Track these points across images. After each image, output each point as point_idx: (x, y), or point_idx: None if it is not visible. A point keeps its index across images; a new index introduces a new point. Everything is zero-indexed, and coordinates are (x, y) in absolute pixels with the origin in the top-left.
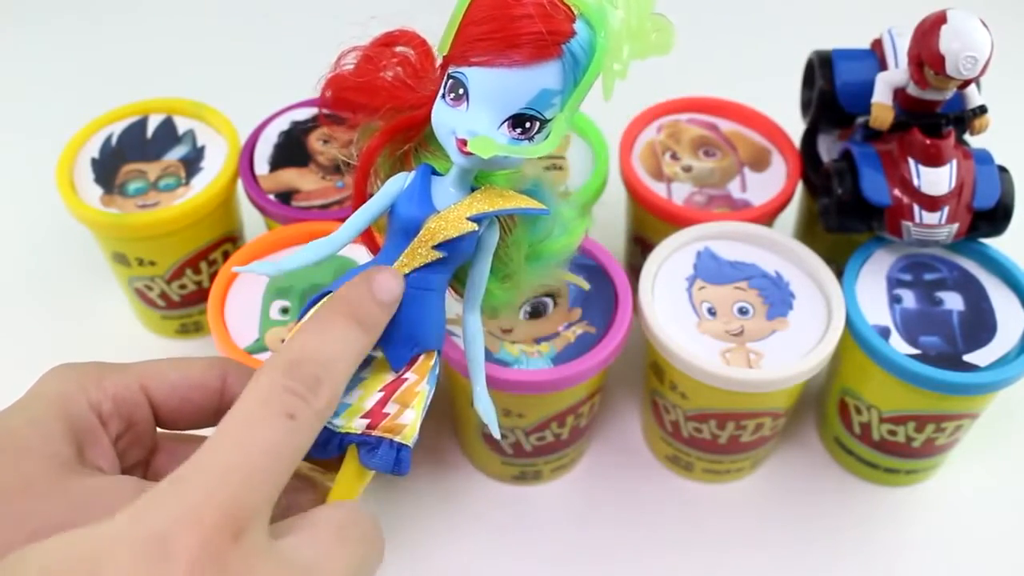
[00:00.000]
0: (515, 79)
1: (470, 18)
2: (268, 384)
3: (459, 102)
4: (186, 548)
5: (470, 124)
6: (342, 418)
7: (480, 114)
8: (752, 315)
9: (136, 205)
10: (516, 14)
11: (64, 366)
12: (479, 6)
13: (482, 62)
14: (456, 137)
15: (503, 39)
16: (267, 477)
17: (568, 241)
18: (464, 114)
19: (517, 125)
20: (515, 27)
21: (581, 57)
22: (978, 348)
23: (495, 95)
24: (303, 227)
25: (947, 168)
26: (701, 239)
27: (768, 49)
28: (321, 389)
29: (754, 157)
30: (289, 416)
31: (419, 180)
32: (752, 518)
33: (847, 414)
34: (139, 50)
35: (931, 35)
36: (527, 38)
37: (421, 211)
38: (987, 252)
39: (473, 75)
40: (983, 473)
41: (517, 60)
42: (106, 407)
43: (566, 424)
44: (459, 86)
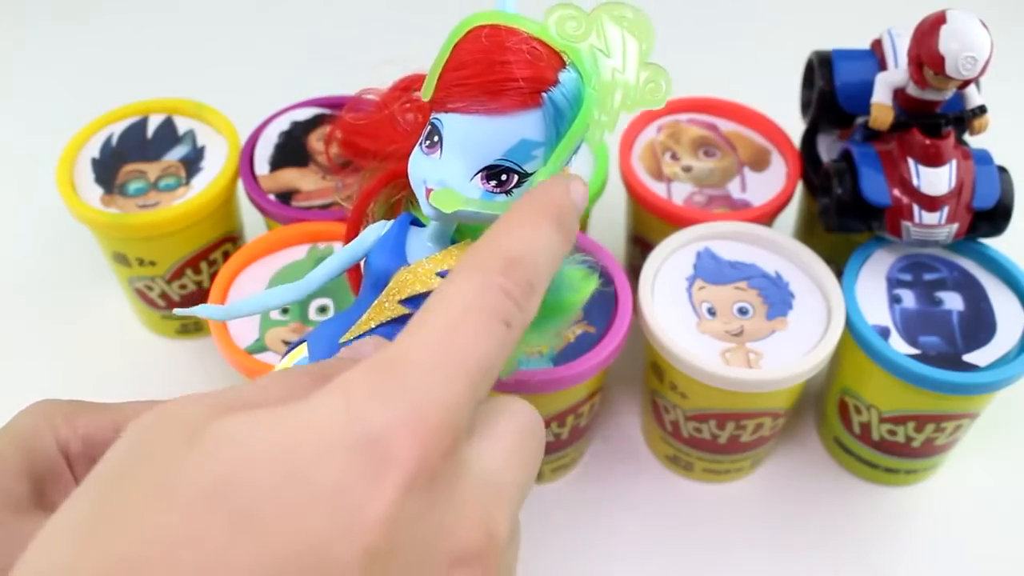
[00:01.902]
0: (491, 127)
1: (452, 61)
2: (486, 283)
3: (433, 150)
4: (404, 461)
5: (441, 173)
6: None
7: (453, 163)
8: (752, 315)
9: (136, 205)
10: (496, 59)
11: (40, 402)
12: (461, 50)
13: (458, 108)
14: (425, 187)
15: (479, 85)
16: (478, 391)
17: (574, 300)
18: (437, 162)
19: (492, 177)
20: (495, 73)
21: (565, 107)
22: (978, 348)
23: (469, 144)
24: (303, 227)
25: (947, 168)
26: (701, 239)
27: (768, 49)
28: (533, 298)
29: (754, 157)
30: (506, 324)
31: (395, 230)
32: (752, 518)
33: (847, 414)
34: (139, 50)
35: (931, 35)
36: (506, 85)
37: (391, 263)
38: (987, 252)
39: (448, 121)
40: (983, 473)
41: (493, 108)
42: (75, 447)
43: (566, 424)
44: (435, 132)
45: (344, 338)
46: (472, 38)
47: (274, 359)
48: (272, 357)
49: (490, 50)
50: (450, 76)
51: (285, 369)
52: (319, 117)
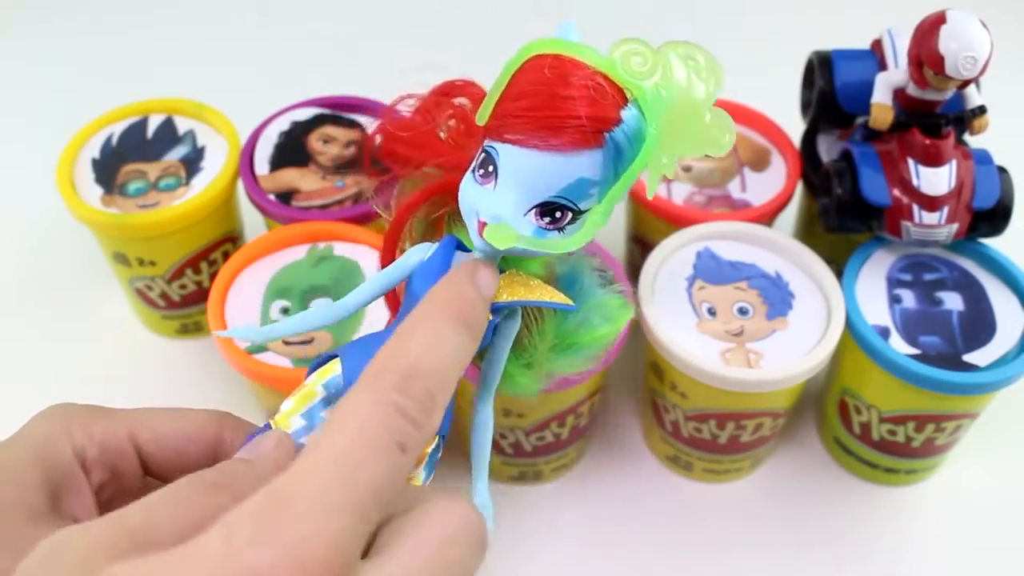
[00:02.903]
0: (550, 164)
1: (512, 90)
2: (377, 401)
3: (488, 179)
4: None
5: (494, 207)
6: None
7: (506, 196)
8: (752, 315)
9: (136, 205)
10: (560, 94)
11: (55, 407)
12: (524, 79)
13: (516, 140)
14: (478, 219)
15: (542, 120)
16: (369, 518)
17: (610, 331)
18: (490, 194)
19: (546, 214)
20: (556, 108)
21: (625, 147)
22: (978, 348)
23: (526, 178)
24: (303, 227)
25: (947, 168)
26: (701, 239)
27: (768, 49)
28: (435, 409)
29: (754, 157)
30: (400, 447)
31: (440, 254)
32: (752, 518)
33: (847, 414)
34: (139, 50)
35: (931, 35)
36: (568, 122)
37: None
38: (987, 252)
39: (505, 152)
40: (983, 473)
41: (554, 144)
42: (91, 453)
43: (566, 424)
44: (489, 162)
45: None
46: (534, 67)
47: (274, 359)
48: (272, 357)
49: (553, 83)
50: (509, 106)
51: (176, 486)
52: (319, 117)
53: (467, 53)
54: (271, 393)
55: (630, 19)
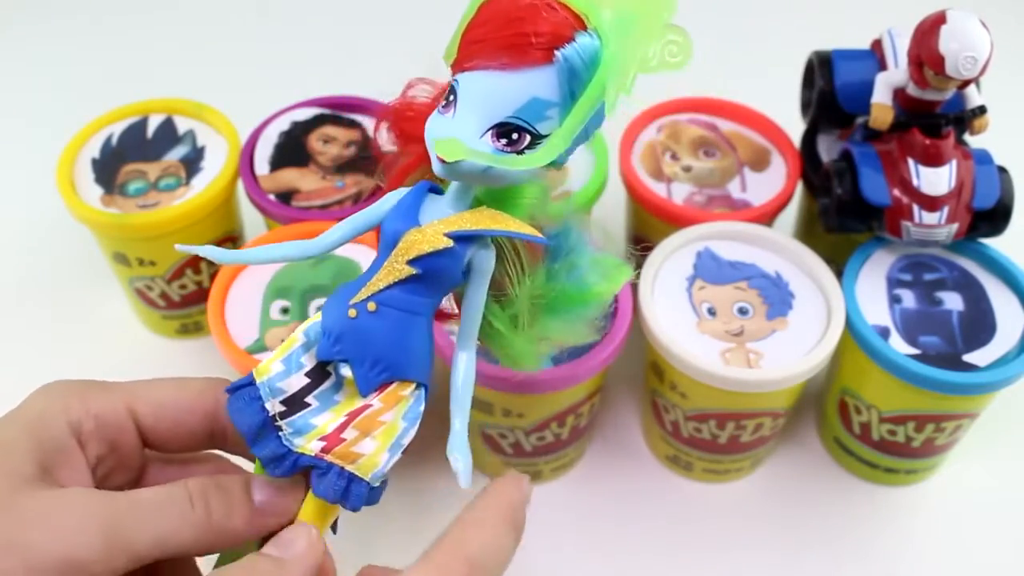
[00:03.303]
0: (502, 83)
1: (471, 23)
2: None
3: (448, 109)
4: None
5: (451, 130)
6: (303, 438)
7: (464, 121)
8: (752, 315)
9: (136, 205)
10: (512, 16)
11: (54, 383)
12: (482, 11)
13: (472, 66)
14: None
15: (493, 40)
16: None
17: (606, 289)
18: (450, 121)
19: (503, 136)
20: (508, 28)
21: (580, 68)
22: (978, 348)
23: (481, 100)
24: (303, 227)
25: (947, 168)
26: (701, 239)
27: (768, 49)
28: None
29: (754, 157)
30: None
31: (411, 196)
32: (752, 518)
33: (847, 414)
34: (139, 50)
35: (931, 35)
36: (517, 39)
37: (402, 225)
38: (987, 252)
39: (463, 80)
40: (983, 473)
41: (505, 63)
42: (87, 427)
43: (566, 424)
44: (451, 93)
45: (355, 299)
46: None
47: None
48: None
49: (508, 9)
50: (467, 35)
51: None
52: (319, 117)
53: None
54: None
55: None
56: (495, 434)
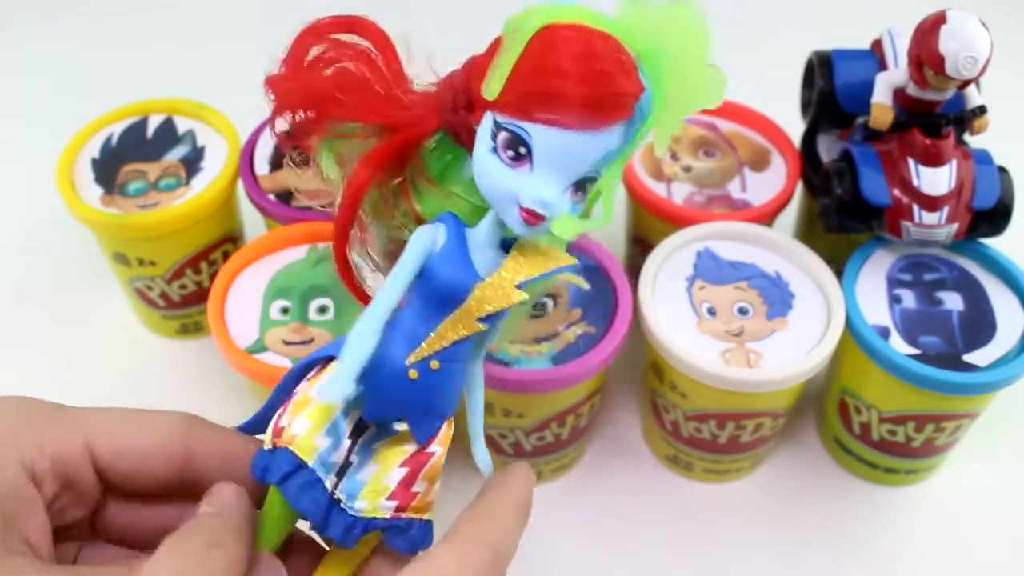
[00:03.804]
0: (589, 141)
1: (533, 63)
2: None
3: (521, 162)
4: None
5: (537, 191)
6: (359, 500)
7: (547, 179)
8: (752, 315)
9: (136, 205)
10: (595, 69)
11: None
12: (544, 51)
13: (552, 120)
14: (520, 206)
15: (583, 98)
16: None
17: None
18: (528, 177)
19: (578, 188)
20: (598, 85)
21: (644, 115)
22: (978, 348)
23: (565, 158)
24: (303, 227)
25: (947, 168)
26: (701, 239)
27: (768, 49)
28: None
29: (754, 157)
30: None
31: (455, 237)
32: (752, 518)
33: (847, 414)
34: (139, 50)
35: (931, 35)
36: (611, 100)
37: (466, 279)
38: (987, 252)
39: (538, 134)
40: (983, 473)
41: (594, 123)
42: (40, 466)
43: (566, 424)
44: (520, 143)
45: (414, 359)
46: (553, 40)
47: (274, 359)
48: (272, 357)
49: (585, 58)
50: (536, 81)
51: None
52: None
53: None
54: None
55: None
56: (495, 434)
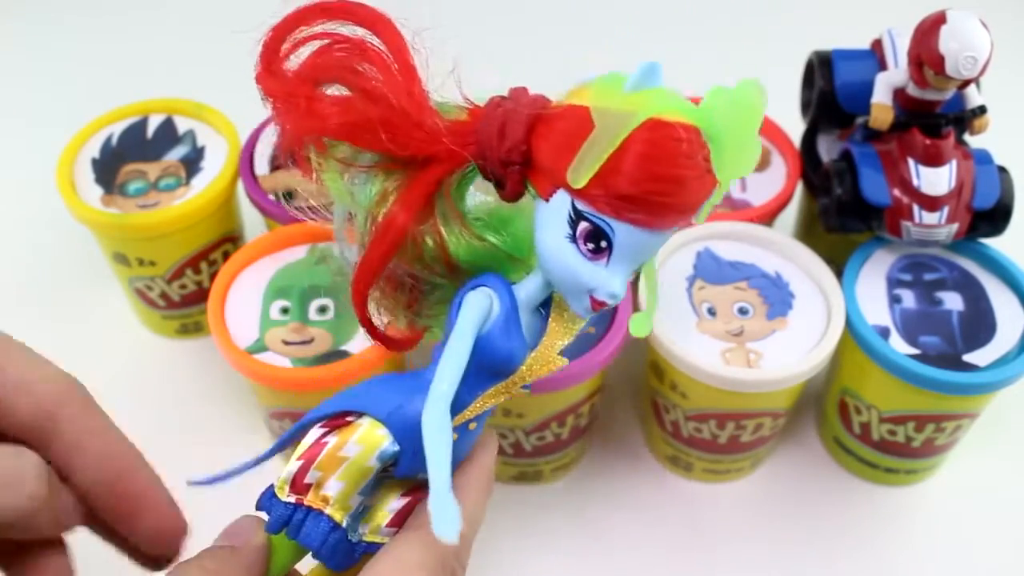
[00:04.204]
0: (663, 238)
1: (635, 165)
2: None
3: (600, 256)
4: None
5: (610, 285)
6: (365, 525)
7: (620, 273)
8: (752, 315)
9: (136, 205)
10: (688, 175)
11: None
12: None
13: (638, 221)
14: (592, 297)
15: (674, 205)
16: None
17: None
18: (603, 270)
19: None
20: (688, 193)
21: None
22: (978, 348)
23: (641, 254)
24: (303, 227)
25: (947, 168)
26: (701, 239)
27: (768, 49)
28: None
29: None
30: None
31: (511, 309)
32: (752, 518)
33: (847, 414)
34: (139, 50)
35: (931, 35)
36: (694, 206)
37: (523, 352)
38: (987, 252)
39: (623, 231)
40: (983, 473)
41: (665, 226)
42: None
43: (566, 424)
44: (602, 238)
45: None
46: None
47: (274, 359)
48: (272, 357)
49: (685, 166)
50: (641, 188)
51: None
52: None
53: (471, 53)
54: (271, 393)
55: (632, 20)
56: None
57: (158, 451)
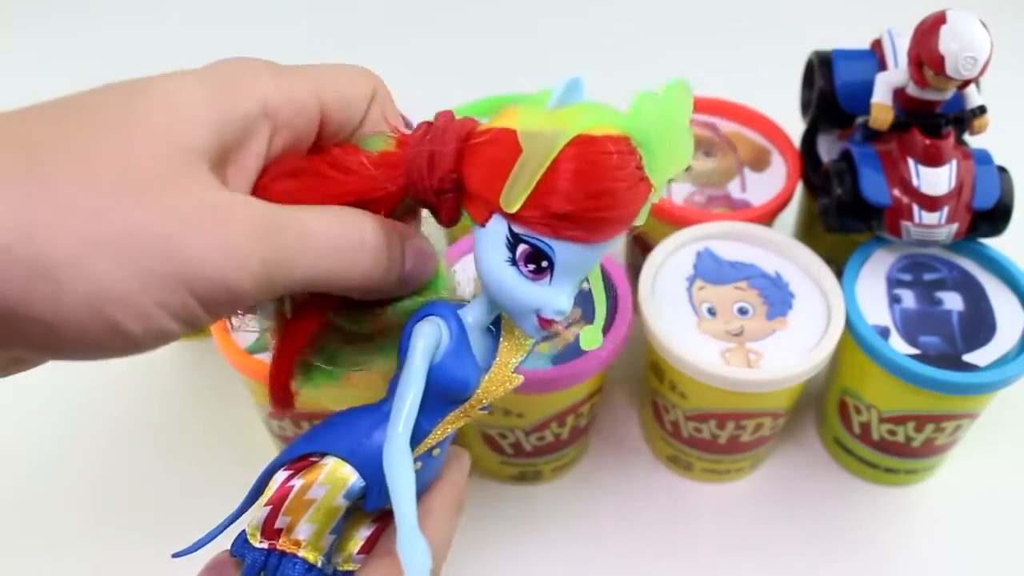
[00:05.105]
0: (603, 250)
1: (568, 185)
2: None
3: (541, 276)
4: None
5: (555, 302)
6: (337, 555)
7: (563, 290)
8: (752, 315)
9: None
10: (624, 187)
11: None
12: (578, 173)
13: (576, 237)
14: (539, 316)
15: (617, 220)
16: None
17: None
18: (547, 289)
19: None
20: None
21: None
22: (977, 348)
23: (582, 268)
24: None
25: (947, 168)
26: (701, 239)
27: (768, 49)
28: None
29: (754, 157)
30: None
31: (457, 331)
32: (752, 518)
33: (847, 414)
34: (139, 50)
35: (931, 35)
36: (615, 222)
37: (476, 377)
38: (987, 252)
39: (563, 250)
40: (983, 473)
41: (601, 240)
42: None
43: (566, 424)
44: (543, 258)
45: (419, 452)
46: (585, 160)
47: None
48: None
49: (612, 176)
50: (576, 206)
51: None
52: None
53: (467, 54)
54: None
55: (632, 20)
56: (495, 434)
57: (158, 451)
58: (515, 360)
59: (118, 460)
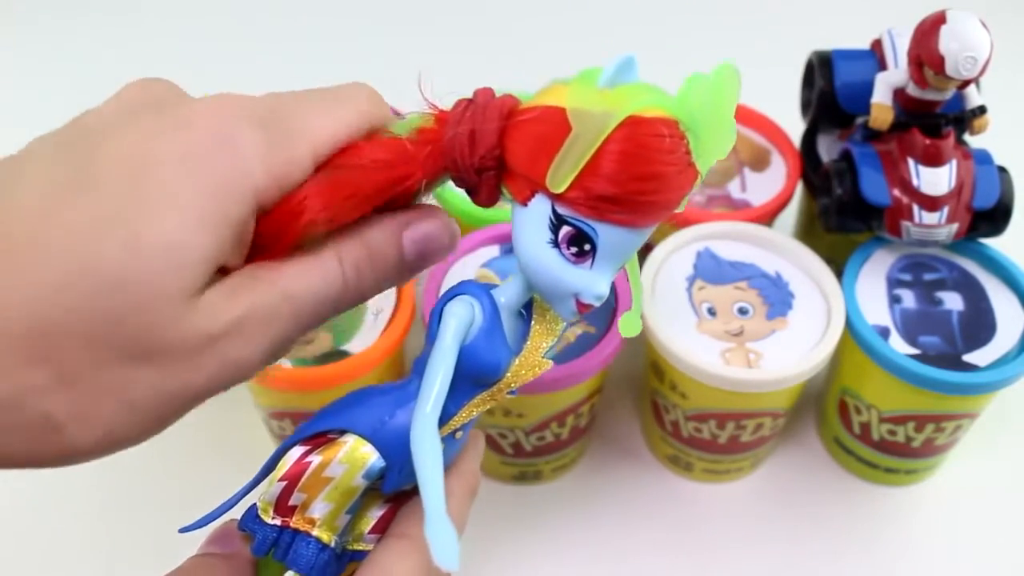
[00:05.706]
0: (638, 235)
1: (616, 167)
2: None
3: (583, 259)
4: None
5: (596, 287)
6: (348, 535)
7: (605, 274)
8: (752, 315)
9: None
10: (673, 172)
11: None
12: (628, 155)
13: (625, 221)
14: (579, 300)
15: (664, 205)
16: None
17: None
18: (588, 273)
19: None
20: (676, 190)
21: None
22: (978, 348)
23: (624, 253)
24: None
25: (947, 168)
26: (701, 239)
27: (768, 49)
28: None
29: (754, 157)
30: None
31: (491, 312)
32: (752, 518)
33: (847, 414)
34: (139, 50)
35: (931, 35)
36: (662, 206)
37: (506, 358)
38: (987, 252)
39: (606, 233)
40: (983, 473)
41: (647, 224)
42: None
43: (566, 424)
44: (585, 241)
45: (445, 432)
46: (635, 142)
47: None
48: None
49: (662, 160)
50: (624, 188)
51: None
52: None
53: (470, 54)
54: (270, 393)
55: (632, 20)
56: (495, 434)
57: (158, 451)
58: (545, 344)
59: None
